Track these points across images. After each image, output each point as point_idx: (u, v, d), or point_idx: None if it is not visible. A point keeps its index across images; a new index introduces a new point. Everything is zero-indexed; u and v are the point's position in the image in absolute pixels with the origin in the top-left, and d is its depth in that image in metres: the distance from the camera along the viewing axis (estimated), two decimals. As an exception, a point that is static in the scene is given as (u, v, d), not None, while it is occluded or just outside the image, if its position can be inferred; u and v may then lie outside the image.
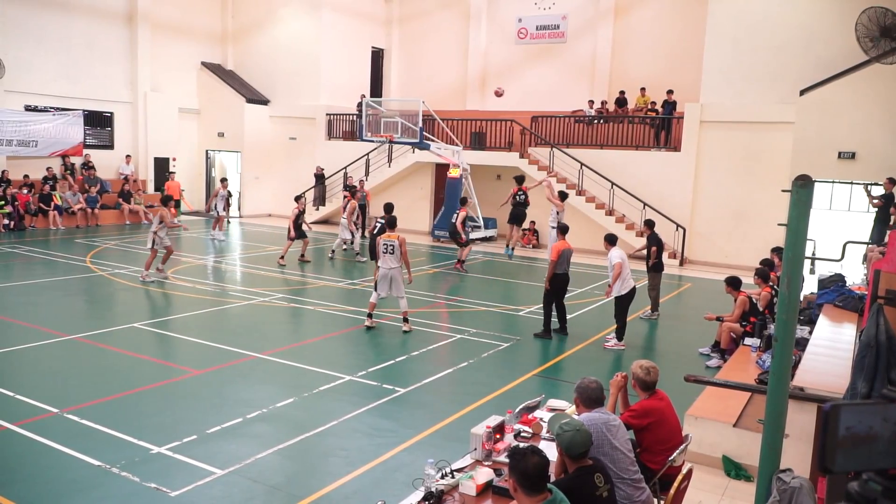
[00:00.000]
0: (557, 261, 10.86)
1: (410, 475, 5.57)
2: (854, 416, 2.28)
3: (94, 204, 22.65)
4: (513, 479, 3.57)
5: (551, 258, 11.00)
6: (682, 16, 22.68)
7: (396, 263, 11.00)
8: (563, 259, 10.98)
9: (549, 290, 11.06)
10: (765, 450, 3.52)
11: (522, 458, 3.56)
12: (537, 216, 22.23)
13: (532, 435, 5.21)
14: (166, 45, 25.82)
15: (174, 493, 5.74)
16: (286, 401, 7.93)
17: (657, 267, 12.80)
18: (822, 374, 6.52)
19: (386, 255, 10.98)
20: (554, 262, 10.87)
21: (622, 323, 10.81)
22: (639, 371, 5.36)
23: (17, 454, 6.35)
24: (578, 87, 24.57)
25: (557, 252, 10.87)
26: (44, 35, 22.28)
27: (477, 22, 26.57)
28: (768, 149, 18.92)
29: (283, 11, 26.77)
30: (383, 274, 11.02)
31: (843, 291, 10.17)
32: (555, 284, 11.03)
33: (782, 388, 3.50)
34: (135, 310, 12.26)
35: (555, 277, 11.00)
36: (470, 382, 8.96)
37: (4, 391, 7.83)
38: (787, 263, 3.39)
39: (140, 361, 9.42)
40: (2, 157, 21.45)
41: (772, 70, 18.83)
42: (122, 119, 24.98)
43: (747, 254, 18.17)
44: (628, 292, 10.65)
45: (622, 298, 10.66)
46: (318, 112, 26.26)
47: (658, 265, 12.81)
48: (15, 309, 11.63)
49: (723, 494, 6.32)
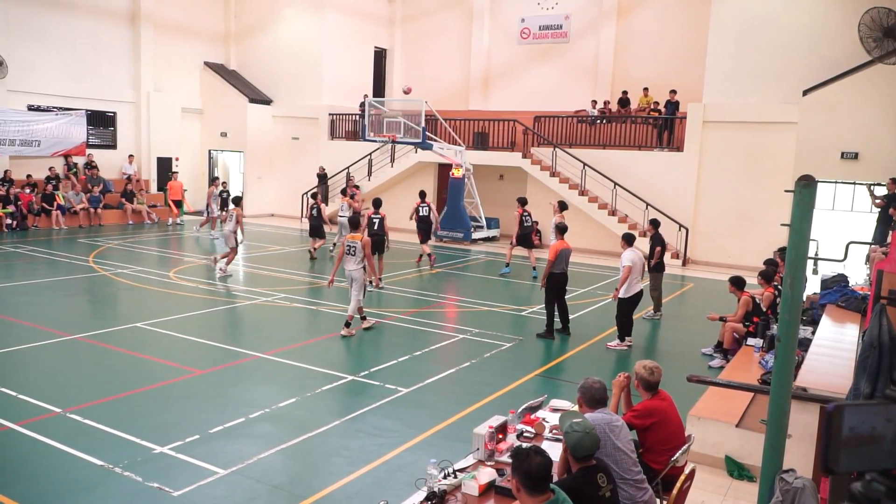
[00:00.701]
0: (555, 260, 10.89)
1: (413, 475, 5.57)
2: (857, 417, 2.28)
3: (96, 204, 22.68)
4: (516, 479, 3.58)
5: (549, 258, 11.01)
6: (685, 15, 22.67)
7: (357, 265, 10.84)
8: (562, 258, 11.02)
9: (547, 287, 11.12)
10: (767, 450, 3.51)
11: (525, 459, 3.56)
12: (540, 216, 22.23)
13: (535, 435, 5.21)
14: (169, 44, 25.86)
15: (176, 492, 5.75)
16: (289, 400, 7.93)
17: (659, 267, 12.79)
18: (824, 374, 6.50)
19: (348, 255, 10.87)
20: (552, 261, 10.89)
21: (623, 323, 10.79)
22: (642, 371, 5.35)
23: (19, 454, 6.36)
24: (581, 87, 24.57)
25: (555, 252, 10.91)
26: (47, 35, 22.32)
27: (480, 22, 26.57)
28: (771, 149, 18.90)
29: (286, 11, 26.79)
30: (347, 275, 10.98)
31: (846, 292, 10.15)
32: (554, 284, 11.07)
33: (785, 388, 3.49)
34: (137, 310, 12.27)
35: (553, 276, 11.04)
36: (472, 382, 8.96)
37: (7, 391, 7.84)
38: (789, 264, 3.38)
39: (142, 361, 9.42)
40: (5, 156, 21.49)
41: (775, 70, 18.81)
42: (124, 119, 25.02)
43: (750, 254, 18.15)
44: (633, 296, 10.63)
45: (625, 301, 10.64)
46: (321, 112, 26.27)
47: (660, 265, 12.79)
48: (18, 308, 11.65)
49: (725, 495, 6.31)
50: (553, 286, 11.11)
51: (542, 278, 11.24)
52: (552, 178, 21.58)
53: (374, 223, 15.17)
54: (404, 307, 13.08)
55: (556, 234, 11.81)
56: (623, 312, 10.74)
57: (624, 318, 10.78)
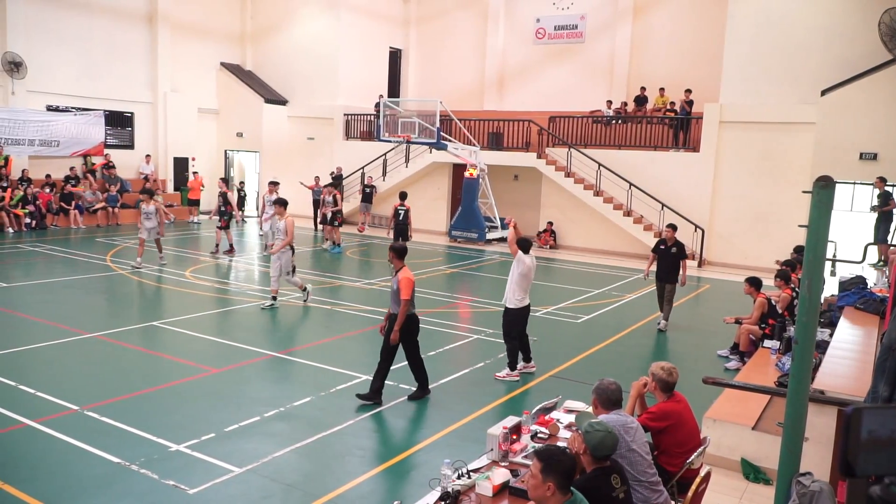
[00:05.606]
0: (411, 299, 7.91)
1: (427, 475, 5.58)
2: (876, 420, 2.26)
3: (114, 203, 22.86)
4: (552, 481, 3.52)
5: (403, 296, 7.83)
6: (701, 15, 22.55)
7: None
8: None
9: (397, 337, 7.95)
10: (784, 453, 3.49)
11: (560, 459, 3.55)
12: (553, 216, 22.20)
13: (549, 436, 5.19)
14: (186, 45, 26.04)
15: (192, 490, 5.78)
16: (303, 400, 7.96)
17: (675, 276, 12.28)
18: (842, 377, 6.46)
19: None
20: (406, 300, 7.84)
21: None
22: (660, 372, 5.31)
23: (37, 451, 6.42)
24: (596, 88, 24.49)
25: (411, 287, 7.88)
26: (65, 36, 22.53)
27: (495, 22, 26.55)
28: (789, 149, 18.75)
29: (302, 12, 26.89)
30: None
31: (864, 294, 10.08)
32: (404, 333, 8.03)
33: (802, 390, 3.46)
34: (154, 308, 12.36)
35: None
36: (486, 383, 8.95)
37: (25, 388, 7.92)
38: (807, 265, 3.35)
39: (159, 359, 9.49)
40: (24, 156, 21.71)
41: (792, 70, 18.66)
42: (142, 119, 25.22)
43: (767, 255, 17.99)
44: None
45: None
46: (336, 112, 26.35)
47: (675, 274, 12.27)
48: (36, 307, 11.76)
49: (741, 497, 6.27)
50: (403, 335, 8.05)
51: (397, 325, 7.91)
52: (567, 178, 21.52)
53: (399, 213, 17.34)
54: (419, 307, 13.04)
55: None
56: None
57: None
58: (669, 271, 11.75)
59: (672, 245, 11.77)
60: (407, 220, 17.70)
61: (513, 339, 9.12)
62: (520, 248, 9.00)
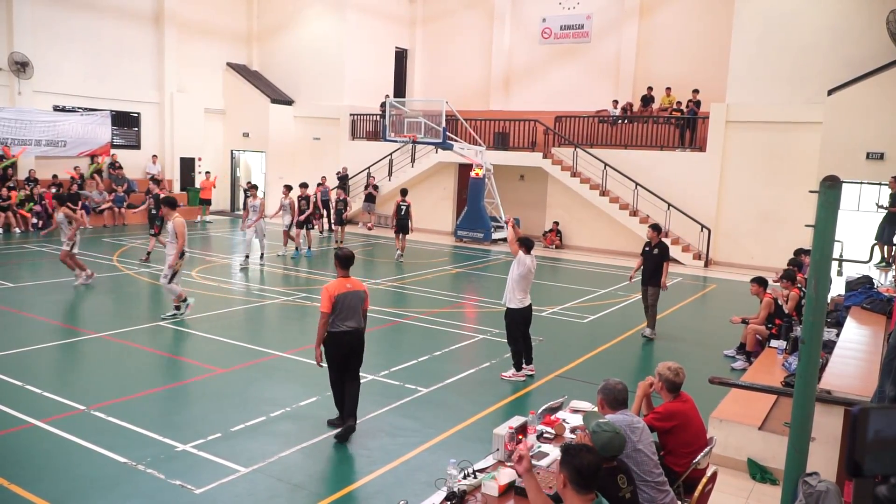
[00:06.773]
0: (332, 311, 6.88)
1: (433, 475, 5.58)
2: (883, 420, 2.25)
3: (120, 203, 22.93)
4: (564, 474, 3.50)
5: (323, 308, 6.87)
6: (707, 15, 22.49)
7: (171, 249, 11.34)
8: (341, 305, 6.94)
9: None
10: (791, 453, 3.47)
11: (578, 454, 3.51)
12: (559, 216, 22.18)
13: (555, 436, 5.19)
14: (192, 45, 26.10)
15: (199, 490, 5.80)
16: (309, 399, 7.97)
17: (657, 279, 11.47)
18: (849, 377, 6.44)
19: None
20: (326, 313, 6.84)
21: None
22: (667, 372, 5.29)
23: (44, 451, 6.44)
24: (602, 87, 24.47)
25: (331, 299, 6.85)
26: (72, 36, 22.61)
27: (501, 22, 26.55)
28: (795, 149, 18.70)
29: (308, 12, 26.92)
30: None
31: (871, 293, 10.04)
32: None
33: (809, 390, 3.45)
34: (160, 308, 12.39)
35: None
36: (492, 383, 8.95)
37: (32, 388, 7.95)
38: (814, 265, 3.34)
39: (165, 359, 9.52)
40: (31, 156, 21.78)
41: (799, 70, 18.61)
42: (148, 119, 25.29)
43: (774, 255, 17.96)
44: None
45: None
46: (342, 112, 26.38)
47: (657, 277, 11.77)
48: (42, 307, 11.80)
49: (748, 498, 6.26)
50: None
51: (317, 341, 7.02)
52: (573, 178, 21.50)
53: (401, 209, 18.09)
54: (424, 307, 13.09)
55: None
56: None
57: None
58: (651, 274, 11.18)
59: (655, 246, 11.20)
60: (408, 215, 18.33)
61: (516, 339, 9.09)
62: (523, 246, 8.89)
